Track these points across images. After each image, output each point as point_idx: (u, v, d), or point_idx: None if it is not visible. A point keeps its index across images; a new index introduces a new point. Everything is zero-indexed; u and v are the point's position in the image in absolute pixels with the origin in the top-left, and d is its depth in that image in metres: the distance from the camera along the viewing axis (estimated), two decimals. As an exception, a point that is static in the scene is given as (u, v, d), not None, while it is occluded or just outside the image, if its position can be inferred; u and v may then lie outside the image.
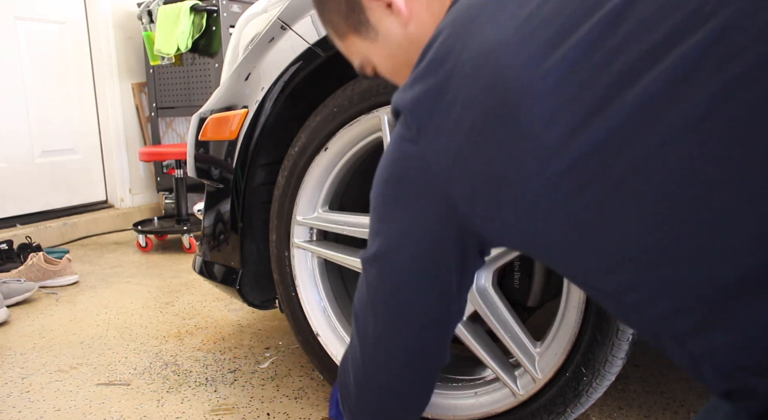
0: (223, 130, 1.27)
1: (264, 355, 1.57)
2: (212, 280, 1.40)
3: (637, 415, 1.22)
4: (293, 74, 1.17)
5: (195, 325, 1.81)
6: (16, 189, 3.01)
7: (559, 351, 0.96)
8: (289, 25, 1.19)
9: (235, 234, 1.31)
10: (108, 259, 2.71)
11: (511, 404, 1.02)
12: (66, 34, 3.21)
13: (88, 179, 3.37)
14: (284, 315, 1.33)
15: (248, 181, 1.27)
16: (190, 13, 2.93)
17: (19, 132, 3.02)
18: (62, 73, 3.20)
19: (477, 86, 0.58)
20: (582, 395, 0.95)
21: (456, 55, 0.61)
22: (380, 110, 1.08)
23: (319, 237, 1.27)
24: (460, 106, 0.60)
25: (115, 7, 3.33)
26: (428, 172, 0.63)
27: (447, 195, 0.62)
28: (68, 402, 1.36)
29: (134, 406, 1.32)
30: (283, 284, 1.29)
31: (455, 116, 0.60)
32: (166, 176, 3.31)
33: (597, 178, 0.52)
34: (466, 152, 0.59)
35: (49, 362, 1.58)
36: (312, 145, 1.18)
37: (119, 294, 2.16)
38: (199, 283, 2.25)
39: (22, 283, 2.09)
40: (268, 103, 1.20)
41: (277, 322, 1.80)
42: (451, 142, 0.61)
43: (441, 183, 0.62)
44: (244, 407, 1.30)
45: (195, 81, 3.16)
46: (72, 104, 3.26)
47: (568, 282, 0.96)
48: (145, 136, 3.54)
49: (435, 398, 1.13)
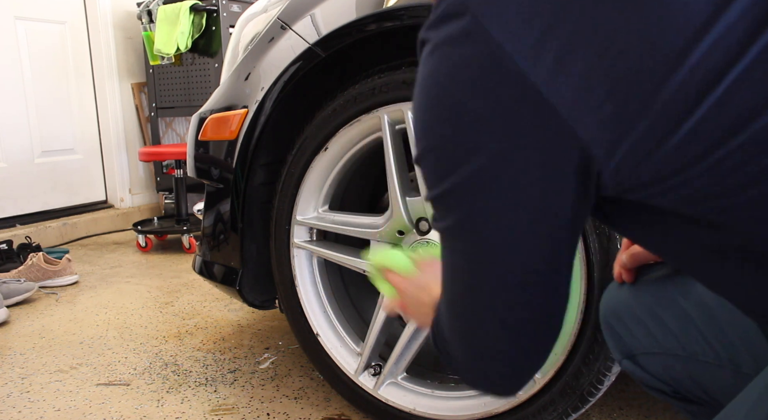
0: (223, 130, 1.27)
1: (264, 355, 1.57)
2: (212, 280, 1.40)
3: (637, 415, 1.22)
4: (293, 74, 1.17)
5: (195, 325, 1.81)
6: (15, 189, 3.01)
7: (559, 351, 0.96)
8: (289, 25, 1.19)
9: (235, 234, 1.31)
10: (108, 259, 2.71)
11: (512, 404, 1.02)
12: (66, 34, 3.21)
13: (87, 179, 3.37)
14: (284, 315, 1.33)
15: (248, 181, 1.27)
16: (189, 13, 2.93)
17: (19, 132, 3.01)
18: (62, 73, 3.20)
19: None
20: (582, 395, 0.95)
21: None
22: (380, 110, 1.08)
23: (319, 237, 1.27)
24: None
25: (115, 7, 3.33)
26: (515, 76, 0.41)
27: (549, 106, 0.41)
28: (68, 402, 1.36)
29: (134, 406, 1.32)
30: (283, 284, 1.29)
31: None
32: (165, 176, 3.31)
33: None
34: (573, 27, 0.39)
35: (49, 362, 1.58)
36: (312, 145, 1.18)
37: (119, 294, 2.16)
38: (199, 283, 2.25)
39: (22, 283, 2.09)
40: (268, 103, 1.20)
41: (277, 322, 1.80)
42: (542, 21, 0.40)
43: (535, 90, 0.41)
44: (244, 407, 1.30)
45: (195, 81, 3.16)
46: (72, 104, 3.26)
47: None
48: (144, 136, 3.54)
49: (435, 398, 1.13)
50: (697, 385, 0.67)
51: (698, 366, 0.66)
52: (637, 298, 0.71)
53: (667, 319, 0.68)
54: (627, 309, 0.72)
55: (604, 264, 0.89)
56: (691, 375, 0.67)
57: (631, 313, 0.71)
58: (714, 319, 0.64)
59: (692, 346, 0.66)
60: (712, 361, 0.64)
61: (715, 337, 0.64)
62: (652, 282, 0.71)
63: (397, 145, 1.09)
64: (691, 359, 0.66)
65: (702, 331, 0.65)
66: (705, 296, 0.66)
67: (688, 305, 0.66)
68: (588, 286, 0.91)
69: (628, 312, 0.72)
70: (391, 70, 1.06)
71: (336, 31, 1.09)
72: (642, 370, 0.72)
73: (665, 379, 0.70)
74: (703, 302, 0.65)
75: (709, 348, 0.64)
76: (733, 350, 0.63)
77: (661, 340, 0.68)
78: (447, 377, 1.20)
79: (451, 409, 1.10)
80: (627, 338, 0.72)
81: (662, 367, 0.69)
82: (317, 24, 1.13)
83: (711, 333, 0.64)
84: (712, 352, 0.64)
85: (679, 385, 0.69)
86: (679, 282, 0.69)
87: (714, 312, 0.65)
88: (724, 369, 0.63)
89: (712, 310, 0.65)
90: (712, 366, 0.64)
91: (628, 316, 0.71)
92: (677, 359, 0.67)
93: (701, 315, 0.65)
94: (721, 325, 0.64)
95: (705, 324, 0.65)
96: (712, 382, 0.65)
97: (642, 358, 0.71)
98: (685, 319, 0.66)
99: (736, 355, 0.62)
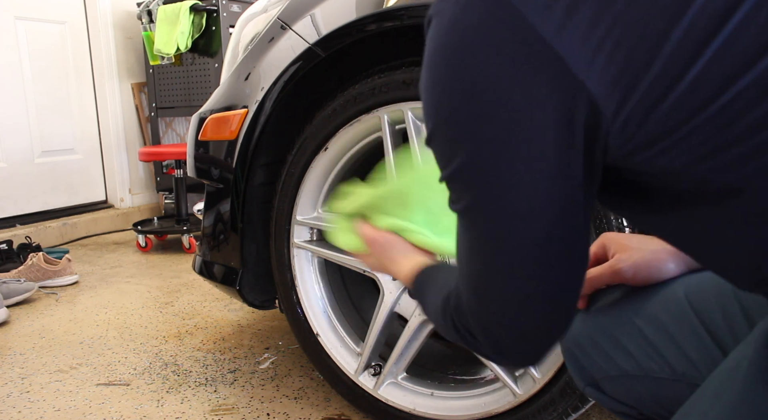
0: (223, 130, 1.27)
1: (264, 355, 1.57)
2: (212, 280, 1.40)
3: (637, 415, 1.22)
4: (293, 74, 1.17)
5: (195, 325, 1.81)
6: (16, 189, 3.01)
7: (558, 351, 0.96)
8: (289, 25, 1.19)
9: (235, 234, 1.31)
10: (108, 259, 2.71)
11: (511, 404, 1.02)
12: (66, 34, 3.21)
13: (87, 179, 3.37)
14: (284, 315, 1.33)
15: (248, 181, 1.27)
16: (189, 13, 2.93)
17: (19, 132, 3.01)
18: (62, 73, 3.20)
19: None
20: (582, 395, 0.95)
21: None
22: (380, 110, 1.08)
23: (319, 237, 1.27)
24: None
25: (115, 7, 3.33)
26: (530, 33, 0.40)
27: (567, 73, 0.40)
28: (68, 402, 1.36)
29: (134, 406, 1.32)
30: (283, 284, 1.29)
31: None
32: (165, 176, 3.31)
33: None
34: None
35: (49, 362, 1.58)
36: (312, 145, 1.18)
37: (119, 294, 2.16)
38: (199, 283, 2.25)
39: (22, 283, 2.09)
40: (268, 103, 1.20)
41: (277, 322, 1.80)
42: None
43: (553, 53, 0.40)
44: (244, 407, 1.30)
45: (195, 81, 3.16)
46: (72, 104, 3.26)
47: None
48: (144, 136, 3.54)
49: (435, 398, 1.13)
50: (660, 404, 0.66)
51: (656, 383, 0.65)
52: (595, 322, 0.71)
53: (623, 340, 0.67)
54: (586, 336, 0.71)
55: (604, 264, 0.89)
56: (651, 393, 0.66)
57: (588, 338, 0.70)
58: (668, 334, 0.64)
59: (648, 364, 0.65)
60: (669, 376, 0.64)
61: (670, 352, 0.64)
62: (608, 305, 0.71)
63: (397, 145, 1.09)
64: (649, 377, 0.65)
65: (657, 348, 0.65)
66: (658, 312, 0.65)
67: (642, 323, 0.66)
68: (588, 286, 0.91)
69: (587, 338, 0.71)
70: (391, 70, 1.06)
71: (336, 31, 1.09)
72: (605, 396, 0.71)
73: (629, 402, 0.69)
74: (656, 318, 0.65)
75: (665, 364, 0.64)
76: (688, 364, 0.62)
77: (619, 362, 0.67)
78: (447, 377, 1.21)
79: (451, 409, 1.10)
80: (587, 365, 0.71)
81: (624, 390, 0.69)
82: (317, 24, 1.13)
83: (665, 348, 0.64)
84: (668, 368, 0.64)
85: (643, 406, 0.68)
86: (632, 301, 0.68)
87: (667, 327, 0.64)
88: (681, 384, 0.63)
89: (666, 324, 0.64)
90: (669, 382, 0.64)
91: (586, 342, 0.71)
92: (636, 379, 0.66)
93: (655, 331, 0.65)
94: (675, 339, 0.63)
95: (659, 340, 0.64)
96: (672, 399, 0.64)
97: (604, 382, 0.70)
98: (640, 337, 0.66)
99: (691, 369, 0.62)
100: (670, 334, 0.64)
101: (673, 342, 0.64)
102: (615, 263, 0.69)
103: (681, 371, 0.63)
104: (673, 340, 0.64)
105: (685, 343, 0.63)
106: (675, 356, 0.63)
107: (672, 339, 0.64)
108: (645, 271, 0.68)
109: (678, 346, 0.63)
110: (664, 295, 0.66)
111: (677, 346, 0.63)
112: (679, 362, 0.63)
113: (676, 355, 0.63)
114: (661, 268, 0.67)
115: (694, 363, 0.62)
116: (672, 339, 0.64)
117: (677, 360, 0.63)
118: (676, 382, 0.63)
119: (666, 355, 0.64)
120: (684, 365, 0.63)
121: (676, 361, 0.63)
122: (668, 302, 0.65)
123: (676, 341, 0.63)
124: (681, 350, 0.63)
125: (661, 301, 0.66)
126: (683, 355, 0.63)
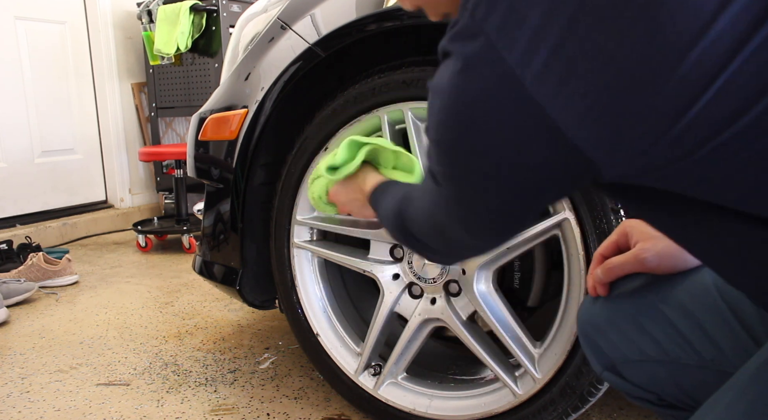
0: (223, 130, 1.27)
1: (264, 355, 1.57)
2: (212, 280, 1.40)
3: (637, 415, 1.22)
4: (293, 74, 1.17)
5: (195, 325, 1.81)
6: (16, 189, 3.01)
7: (559, 351, 0.96)
8: (289, 25, 1.19)
9: (235, 234, 1.31)
10: (108, 259, 2.71)
11: (512, 404, 1.02)
12: (66, 34, 3.21)
13: (87, 179, 3.37)
14: (284, 315, 1.33)
15: (248, 181, 1.27)
16: (189, 13, 2.93)
17: (19, 132, 3.01)
18: (62, 73, 3.20)
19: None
20: (582, 395, 0.95)
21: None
22: (380, 110, 1.08)
23: (319, 237, 1.27)
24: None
25: (115, 7, 3.33)
26: (518, 88, 0.44)
27: (546, 117, 0.44)
28: (68, 402, 1.36)
29: (134, 406, 1.32)
30: (283, 284, 1.29)
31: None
32: (165, 176, 3.31)
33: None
34: (571, 46, 0.41)
35: (49, 362, 1.58)
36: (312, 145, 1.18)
37: (119, 294, 2.16)
38: (199, 283, 2.25)
39: (22, 283, 2.09)
40: (268, 103, 1.20)
41: (277, 322, 1.80)
42: (547, 37, 0.41)
43: (536, 103, 0.43)
44: (244, 407, 1.30)
45: (195, 81, 3.16)
46: (72, 104, 3.26)
47: (568, 282, 0.96)
48: (144, 136, 3.54)
49: (435, 398, 1.13)
50: (682, 390, 0.67)
51: (682, 370, 0.65)
52: (616, 307, 0.71)
53: (647, 326, 0.68)
54: (606, 319, 0.71)
55: (604, 264, 0.89)
56: (676, 380, 0.66)
57: (610, 322, 0.71)
58: (696, 322, 0.64)
59: (675, 351, 0.66)
60: (696, 363, 0.64)
61: (698, 339, 0.64)
62: (630, 291, 0.71)
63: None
64: (675, 364, 0.66)
65: (684, 335, 0.65)
66: (686, 299, 0.66)
67: (669, 310, 0.67)
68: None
69: (607, 322, 0.71)
70: (391, 70, 1.06)
71: (336, 31, 1.09)
72: (624, 381, 0.71)
73: (649, 387, 0.70)
74: (684, 306, 0.65)
75: (692, 351, 0.64)
76: (717, 351, 0.63)
77: (643, 347, 0.68)
78: (447, 377, 1.21)
79: (451, 409, 1.10)
80: (607, 349, 0.71)
81: (645, 375, 0.69)
82: (317, 24, 1.13)
83: (693, 335, 0.64)
84: (696, 355, 0.64)
85: (664, 392, 0.69)
86: (657, 287, 0.69)
87: (695, 315, 0.64)
88: (708, 371, 0.63)
89: (694, 312, 0.65)
90: (696, 369, 0.64)
91: (607, 326, 0.71)
92: (660, 365, 0.67)
93: (682, 318, 0.65)
94: (701, 325, 0.64)
95: (687, 327, 0.65)
96: (697, 386, 0.65)
97: (623, 367, 0.70)
98: (667, 323, 0.66)
99: (720, 356, 0.62)
100: (698, 322, 0.64)
101: (701, 329, 0.64)
102: (639, 252, 0.69)
103: (709, 358, 0.63)
104: (702, 327, 0.64)
105: (714, 331, 0.63)
106: (703, 343, 0.64)
107: (700, 326, 0.64)
108: (670, 261, 0.68)
109: (706, 334, 0.63)
110: (691, 283, 0.67)
111: (705, 334, 0.64)
112: (707, 349, 0.63)
113: (704, 342, 0.64)
114: (686, 257, 0.68)
115: (724, 351, 0.62)
116: (700, 326, 0.64)
117: (705, 347, 0.63)
118: (703, 369, 0.64)
119: (693, 341, 0.64)
120: (712, 352, 0.63)
121: (704, 348, 0.64)
122: (696, 290, 0.66)
123: (705, 329, 0.64)
124: (709, 337, 0.63)
125: (688, 288, 0.66)
126: (712, 343, 0.63)
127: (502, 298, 1.03)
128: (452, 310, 1.07)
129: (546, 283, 1.16)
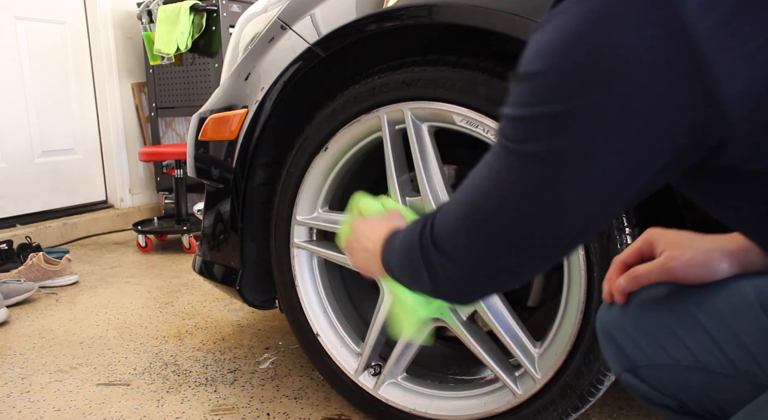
0: (223, 130, 1.27)
1: (264, 355, 1.57)
2: (212, 280, 1.40)
3: (637, 415, 1.22)
4: (293, 74, 1.17)
5: (195, 325, 1.81)
6: (16, 189, 3.01)
7: (559, 351, 0.96)
8: (289, 25, 1.19)
9: (235, 234, 1.31)
10: (108, 259, 2.71)
11: (512, 404, 1.02)
12: (66, 34, 3.21)
13: (87, 179, 3.37)
14: (284, 315, 1.33)
15: (248, 181, 1.27)
16: (189, 13, 2.93)
17: (19, 132, 3.01)
18: (62, 73, 3.20)
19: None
20: (582, 395, 0.95)
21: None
22: (380, 110, 1.08)
23: (319, 237, 1.27)
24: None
25: (115, 7, 3.33)
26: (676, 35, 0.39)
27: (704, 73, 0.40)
28: (68, 402, 1.36)
29: (134, 406, 1.32)
30: (283, 284, 1.29)
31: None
32: (166, 176, 3.31)
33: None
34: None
35: (49, 362, 1.58)
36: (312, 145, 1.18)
37: (119, 294, 2.16)
38: (199, 283, 2.25)
39: (22, 283, 2.09)
40: (268, 103, 1.20)
41: (277, 322, 1.80)
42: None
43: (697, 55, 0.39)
44: (244, 407, 1.30)
45: (195, 81, 3.16)
46: (72, 104, 3.26)
47: (568, 282, 0.96)
48: (144, 136, 3.54)
49: (435, 398, 1.13)
50: (711, 399, 0.65)
51: (712, 377, 0.63)
52: (645, 310, 0.69)
53: (679, 331, 0.66)
54: (632, 321, 0.70)
55: (604, 264, 0.89)
56: (705, 386, 0.64)
57: (637, 325, 0.69)
58: (730, 329, 0.62)
59: (706, 357, 0.64)
60: (728, 372, 0.62)
61: (732, 348, 0.62)
62: (661, 297, 0.69)
63: (397, 146, 1.09)
64: (705, 371, 0.64)
65: (717, 342, 0.63)
66: (723, 308, 0.64)
67: (702, 315, 0.64)
68: (588, 286, 0.91)
69: (634, 324, 0.69)
70: (391, 70, 1.06)
71: (336, 31, 1.09)
72: (643, 384, 0.69)
73: (671, 393, 0.68)
74: (718, 312, 0.63)
75: (725, 359, 0.62)
76: (752, 362, 0.61)
77: (673, 352, 0.66)
78: (447, 377, 1.21)
79: (451, 409, 1.10)
80: (630, 351, 0.69)
81: (672, 380, 0.67)
82: (317, 24, 1.13)
83: (727, 343, 0.62)
84: (728, 363, 0.62)
85: (690, 399, 0.67)
86: (691, 295, 0.67)
87: (730, 322, 0.62)
88: (741, 380, 0.61)
89: (728, 320, 0.63)
90: (727, 378, 0.62)
91: (633, 328, 0.69)
92: (689, 371, 0.65)
93: (716, 325, 0.63)
94: (738, 335, 0.62)
95: (720, 334, 0.63)
96: (727, 395, 0.63)
97: (645, 370, 0.68)
98: (700, 329, 0.64)
99: (755, 367, 0.60)
100: (734, 331, 0.62)
101: (737, 339, 0.62)
102: (667, 261, 0.67)
103: (744, 369, 0.61)
104: (738, 337, 0.62)
105: (751, 342, 0.61)
106: (738, 353, 0.62)
107: (736, 336, 0.62)
108: (698, 271, 0.66)
109: (742, 343, 0.62)
110: (729, 292, 0.64)
111: (741, 343, 0.62)
112: (742, 360, 0.61)
113: (740, 351, 0.62)
114: (715, 268, 0.66)
115: (761, 364, 0.60)
116: (736, 336, 0.62)
117: (740, 357, 0.62)
118: (735, 379, 0.62)
119: (728, 351, 0.62)
120: (747, 363, 0.61)
121: (739, 359, 0.62)
122: (734, 300, 0.64)
123: (741, 338, 0.62)
124: (745, 348, 0.61)
125: (726, 297, 0.64)
126: (747, 353, 0.61)
127: (501, 298, 1.03)
128: (452, 309, 1.07)
129: (546, 283, 1.16)
